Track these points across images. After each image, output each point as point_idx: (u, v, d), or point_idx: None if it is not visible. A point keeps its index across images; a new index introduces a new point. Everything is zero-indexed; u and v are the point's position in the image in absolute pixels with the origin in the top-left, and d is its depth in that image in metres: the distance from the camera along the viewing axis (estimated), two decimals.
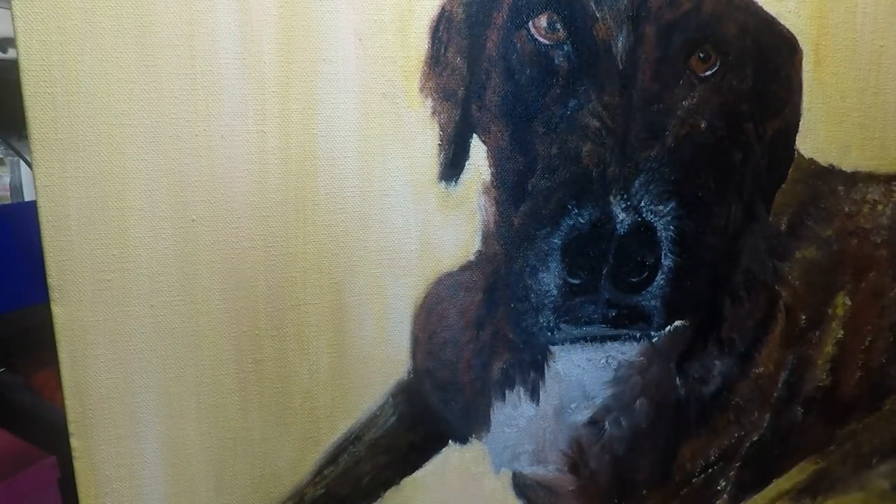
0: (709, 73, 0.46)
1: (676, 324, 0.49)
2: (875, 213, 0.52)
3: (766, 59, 0.47)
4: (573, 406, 0.49)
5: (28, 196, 1.42)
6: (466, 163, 0.44)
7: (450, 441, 0.48)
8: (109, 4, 0.37)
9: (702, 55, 0.45)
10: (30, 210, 0.40)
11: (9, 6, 0.36)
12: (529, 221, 0.45)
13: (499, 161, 0.44)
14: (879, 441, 0.56)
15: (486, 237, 0.45)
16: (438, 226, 0.44)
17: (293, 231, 0.42)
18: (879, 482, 0.56)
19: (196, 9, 0.38)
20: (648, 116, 0.45)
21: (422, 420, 0.47)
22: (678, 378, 0.50)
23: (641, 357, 0.49)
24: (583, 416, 0.49)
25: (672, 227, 0.46)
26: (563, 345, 0.47)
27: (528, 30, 0.43)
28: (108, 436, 0.42)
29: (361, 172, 0.42)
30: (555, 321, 0.46)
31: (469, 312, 0.46)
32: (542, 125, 0.44)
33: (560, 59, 0.44)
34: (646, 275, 0.46)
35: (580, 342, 0.47)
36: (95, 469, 0.42)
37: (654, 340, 0.49)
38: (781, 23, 0.47)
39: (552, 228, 0.45)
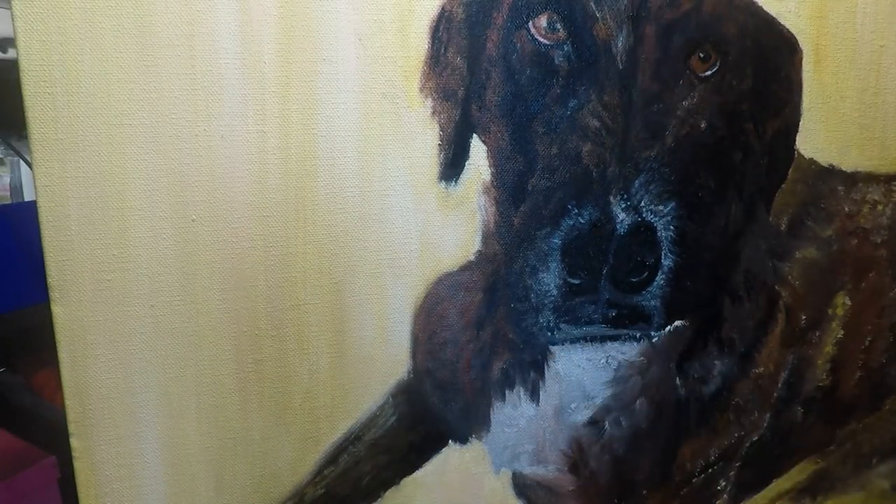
0: (709, 73, 0.46)
1: (676, 324, 0.49)
2: (875, 213, 0.52)
3: (766, 59, 0.47)
4: (573, 406, 0.49)
5: (28, 196, 1.42)
6: (466, 163, 0.44)
7: (450, 441, 0.48)
8: (109, 4, 0.37)
9: (702, 55, 0.45)
10: (30, 210, 0.40)
11: (9, 6, 0.36)
12: (529, 221, 0.45)
13: (499, 161, 0.44)
14: (879, 441, 0.56)
15: (486, 237, 0.45)
16: (438, 226, 0.44)
17: (293, 231, 0.42)
18: (879, 482, 0.56)
19: (196, 9, 0.38)
20: (648, 116, 0.45)
21: (422, 420, 0.47)
22: (678, 378, 0.50)
23: (641, 357, 0.49)
24: (583, 416, 0.49)
25: (672, 227, 0.46)
26: (563, 345, 0.47)
27: (528, 30, 0.43)
28: (108, 436, 0.42)
29: (361, 172, 0.42)
30: (555, 321, 0.46)
31: (469, 312, 0.46)
32: (542, 125, 0.44)
33: (560, 59, 0.44)
34: (646, 275, 0.46)
35: (580, 342, 0.47)
36: (95, 469, 0.42)
37: (654, 340, 0.49)
38: (781, 23, 0.47)
39: (552, 228, 0.45)
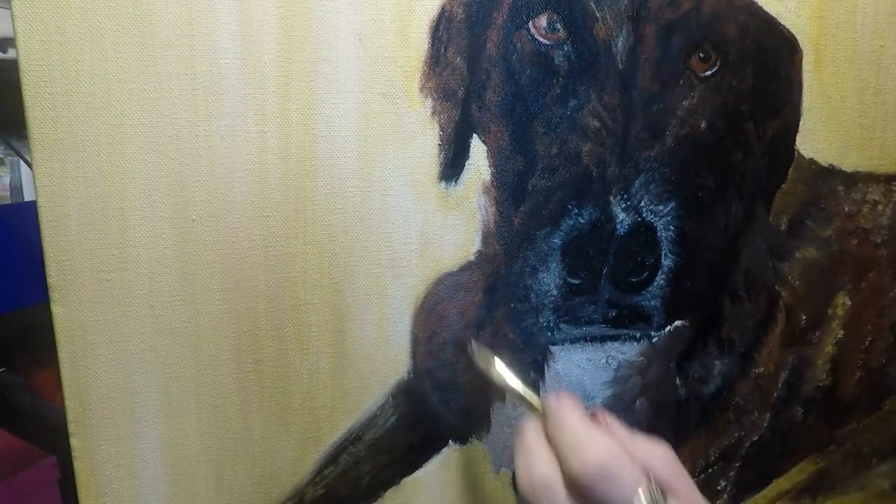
0: (709, 73, 0.46)
1: (676, 324, 0.49)
2: (875, 213, 0.52)
3: (766, 59, 0.47)
4: None
5: (28, 196, 1.42)
6: (466, 163, 0.44)
7: (450, 441, 0.48)
8: (109, 4, 0.37)
9: (702, 55, 0.45)
10: (30, 210, 0.40)
11: (9, 6, 0.36)
12: (529, 221, 0.45)
13: (499, 161, 0.44)
14: (879, 441, 0.56)
15: (486, 237, 0.45)
16: (438, 226, 0.44)
17: (293, 231, 0.42)
18: (879, 482, 0.56)
19: (196, 9, 0.38)
20: (648, 116, 0.45)
21: (422, 420, 0.47)
22: (678, 378, 0.50)
23: (641, 357, 0.49)
24: None
25: (672, 228, 0.46)
26: (563, 345, 0.47)
27: (528, 30, 0.43)
28: (108, 436, 0.42)
29: (361, 172, 0.42)
30: (555, 321, 0.46)
31: (469, 312, 0.46)
32: (542, 125, 0.44)
33: (560, 59, 0.44)
34: (646, 275, 0.46)
35: (580, 342, 0.47)
36: (95, 469, 0.42)
37: (654, 340, 0.49)
38: (781, 23, 0.47)
39: (552, 228, 0.45)
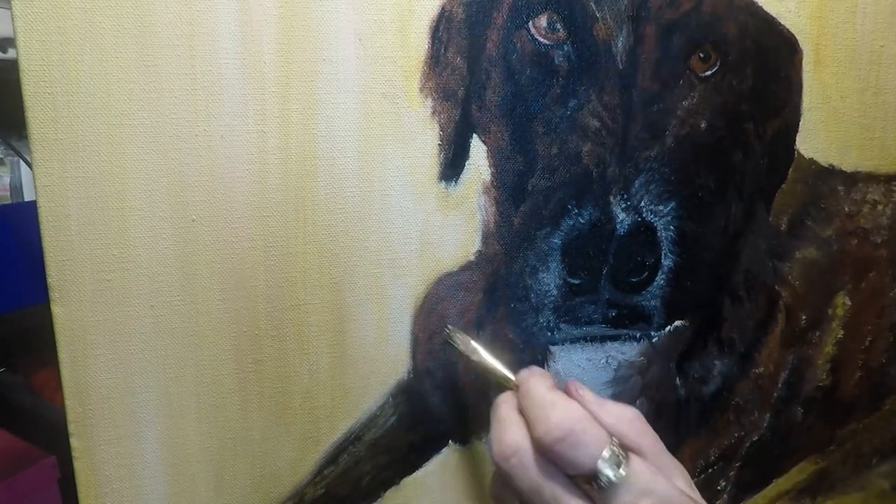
0: (709, 73, 0.46)
1: (676, 324, 0.49)
2: (875, 213, 0.52)
3: (766, 59, 0.47)
4: None
5: (28, 196, 1.42)
6: (466, 163, 0.44)
7: (450, 441, 0.48)
8: (109, 4, 0.37)
9: (702, 55, 0.45)
10: (30, 210, 0.40)
11: (9, 6, 0.36)
12: (529, 221, 0.45)
13: (499, 161, 0.44)
14: (879, 441, 0.56)
15: (486, 237, 0.45)
16: (438, 226, 0.44)
17: (293, 231, 0.42)
18: (879, 482, 0.56)
19: (196, 9, 0.38)
20: (648, 116, 0.45)
21: (422, 420, 0.47)
22: (678, 378, 0.50)
23: (641, 357, 0.49)
24: None
25: (672, 228, 0.46)
26: (563, 345, 0.47)
27: (528, 30, 0.43)
28: (108, 436, 0.42)
29: (361, 172, 0.42)
30: (555, 321, 0.46)
31: (469, 312, 0.46)
32: (542, 125, 0.44)
33: (560, 59, 0.44)
34: (646, 275, 0.46)
35: (580, 342, 0.47)
36: (95, 469, 0.42)
37: (654, 340, 0.49)
38: (781, 23, 0.47)
39: (552, 228, 0.45)
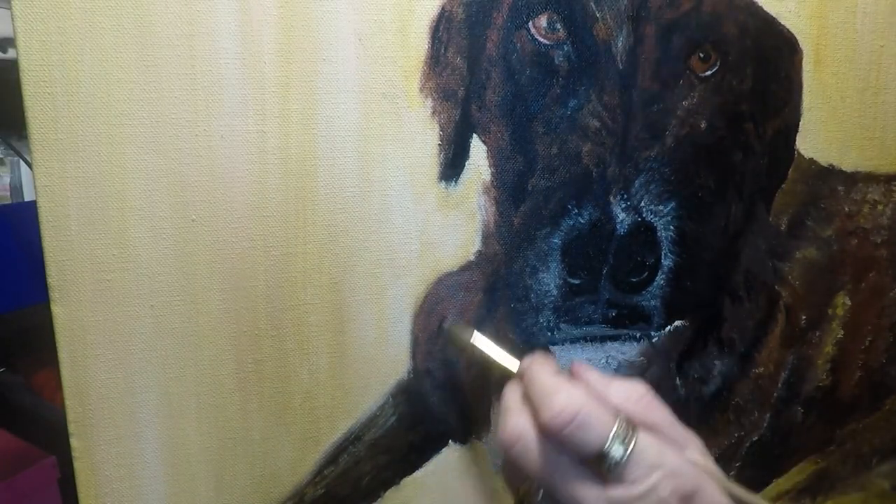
0: (709, 73, 0.46)
1: (676, 324, 0.49)
2: (875, 213, 0.52)
3: (766, 59, 0.47)
4: None
5: (28, 196, 1.42)
6: (466, 163, 0.44)
7: (450, 441, 0.48)
8: (109, 4, 0.37)
9: (702, 55, 0.45)
10: (30, 210, 0.40)
11: (9, 6, 0.36)
12: (529, 221, 0.45)
13: (499, 161, 0.44)
14: (879, 441, 0.56)
15: (486, 237, 0.45)
16: (438, 226, 0.44)
17: (293, 231, 0.42)
18: (879, 482, 0.56)
19: (196, 9, 0.38)
20: (648, 116, 0.45)
21: (422, 420, 0.47)
22: (678, 378, 0.50)
23: (641, 357, 0.49)
24: None
25: (672, 227, 0.46)
26: (563, 345, 0.47)
27: (528, 30, 0.43)
28: (108, 436, 0.42)
29: (361, 172, 0.42)
30: (555, 321, 0.46)
31: (469, 312, 0.46)
32: (542, 125, 0.44)
33: (560, 59, 0.44)
34: (646, 275, 0.46)
35: (580, 342, 0.47)
36: (95, 469, 0.42)
37: (654, 340, 0.49)
38: (781, 23, 0.47)
39: (552, 228, 0.45)
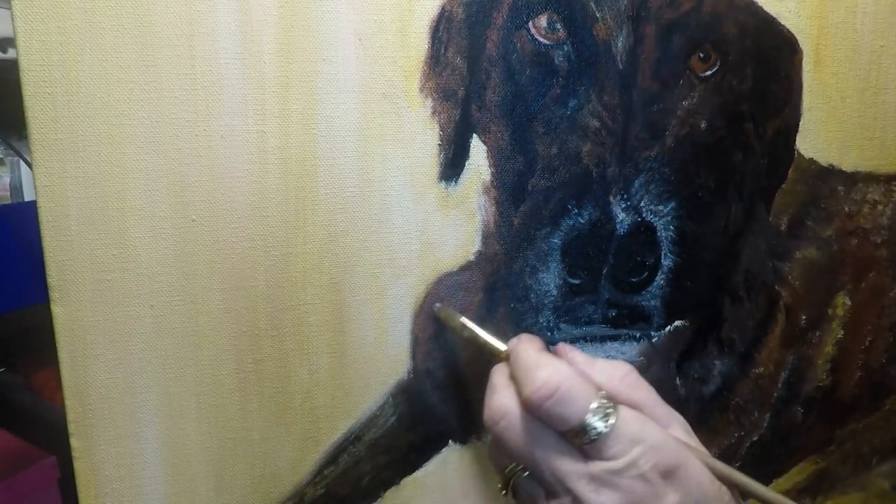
0: (709, 73, 0.46)
1: (676, 324, 0.49)
2: (875, 213, 0.52)
3: (766, 59, 0.47)
4: None
5: (28, 196, 1.42)
6: (466, 163, 0.44)
7: (450, 441, 0.48)
8: (109, 4, 0.37)
9: (702, 55, 0.45)
10: (30, 210, 0.40)
11: (9, 6, 0.36)
12: (529, 221, 0.45)
13: (499, 161, 0.44)
14: (879, 441, 0.56)
15: (486, 237, 0.45)
16: (438, 226, 0.44)
17: (293, 231, 0.42)
18: (879, 482, 0.56)
19: (196, 9, 0.38)
20: (648, 116, 0.45)
21: (422, 420, 0.47)
22: (678, 378, 0.50)
23: (641, 357, 0.49)
24: None
25: (672, 228, 0.46)
26: None
27: (528, 30, 0.43)
28: (108, 436, 0.42)
29: (361, 172, 0.42)
30: (555, 321, 0.46)
31: (469, 312, 0.46)
32: (542, 125, 0.44)
33: (560, 59, 0.44)
34: (646, 275, 0.46)
35: (580, 342, 0.47)
36: (95, 469, 0.42)
37: (654, 340, 0.49)
38: (781, 23, 0.47)
39: (552, 228, 0.45)
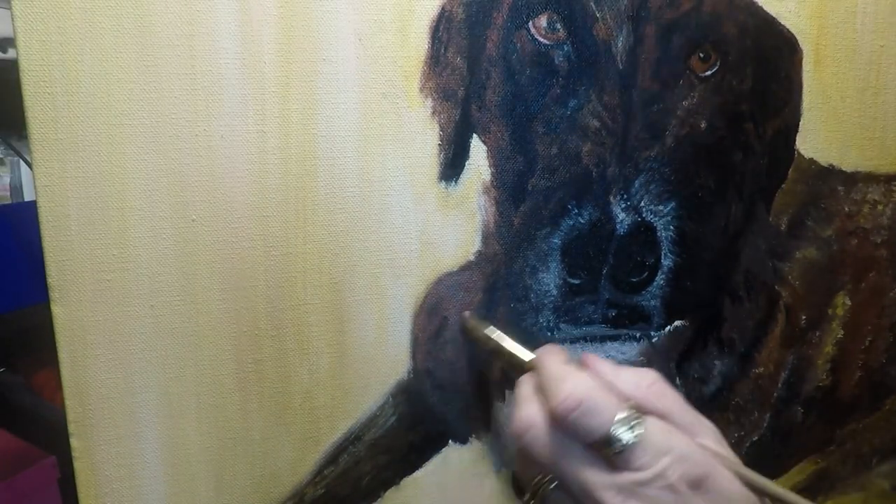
0: (709, 73, 0.46)
1: (676, 324, 0.49)
2: (875, 213, 0.52)
3: (766, 59, 0.47)
4: None
5: (28, 196, 1.42)
6: (466, 163, 0.44)
7: (450, 441, 0.48)
8: (109, 4, 0.37)
9: (702, 55, 0.45)
10: (30, 210, 0.40)
11: (9, 6, 0.36)
12: (529, 221, 0.45)
13: (499, 161, 0.44)
14: (879, 441, 0.56)
15: (486, 237, 0.45)
16: (438, 226, 0.44)
17: (293, 231, 0.42)
18: (879, 482, 0.56)
19: (196, 9, 0.38)
20: (648, 116, 0.45)
21: (422, 420, 0.47)
22: (678, 378, 0.50)
23: (641, 357, 0.49)
24: None
25: (672, 228, 0.46)
26: (563, 345, 0.47)
27: (528, 30, 0.43)
28: (108, 436, 0.42)
29: (361, 172, 0.42)
30: (555, 321, 0.46)
31: (469, 313, 0.46)
32: (542, 125, 0.44)
33: (560, 59, 0.44)
34: (646, 275, 0.46)
35: (580, 342, 0.47)
36: (95, 469, 0.42)
37: (654, 340, 0.49)
38: (781, 23, 0.47)
39: (552, 228, 0.45)
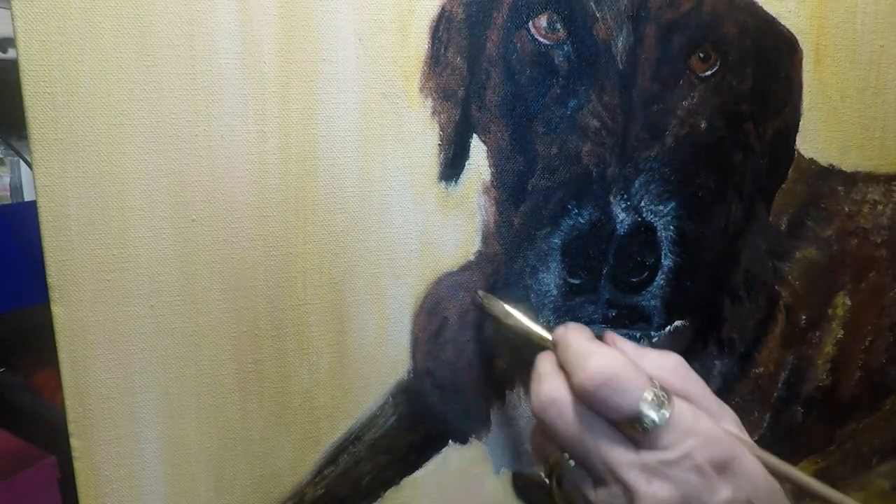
0: (709, 73, 0.46)
1: (676, 324, 0.49)
2: (875, 213, 0.52)
3: (766, 59, 0.47)
4: None
5: (28, 196, 1.42)
6: (466, 163, 0.44)
7: (450, 441, 0.48)
8: (109, 4, 0.37)
9: (702, 55, 0.45)
10: (30, 210, 0.40)
11: (9, 6, 0.36)
12: (529, 221, 0.45)
13: (499, 161, 0.44)
14: (879, 441, 0.56)
15: (486, 237, 0.45)
16: (438, 226, 0.44)
17: (293, 231, 0.42)
18: (879, 482, 0.56)
19: (196, 9, 0.38)
20: (648, 116, 0.45)
21: (422, 420, 0.47)
22: None
23: None
24: None
25: (672, 228, 0.46)
26: None
27: (528, 30, 0.43)
28: (108, 436, 0.42)
29: (361, 172, 0.42)
30: (555, 321, 0.46)
31: (469, 312, 0.46)
32: (542, 125, 0.44)
33: (560, 59, 0.44)
34: (646, 275, 0.46)
35: None
36: (95, 469, 0.42)
37: (655, 340, 0.49)
38: (781, 23, 0.47)
39: (552, 228, 0.45)
